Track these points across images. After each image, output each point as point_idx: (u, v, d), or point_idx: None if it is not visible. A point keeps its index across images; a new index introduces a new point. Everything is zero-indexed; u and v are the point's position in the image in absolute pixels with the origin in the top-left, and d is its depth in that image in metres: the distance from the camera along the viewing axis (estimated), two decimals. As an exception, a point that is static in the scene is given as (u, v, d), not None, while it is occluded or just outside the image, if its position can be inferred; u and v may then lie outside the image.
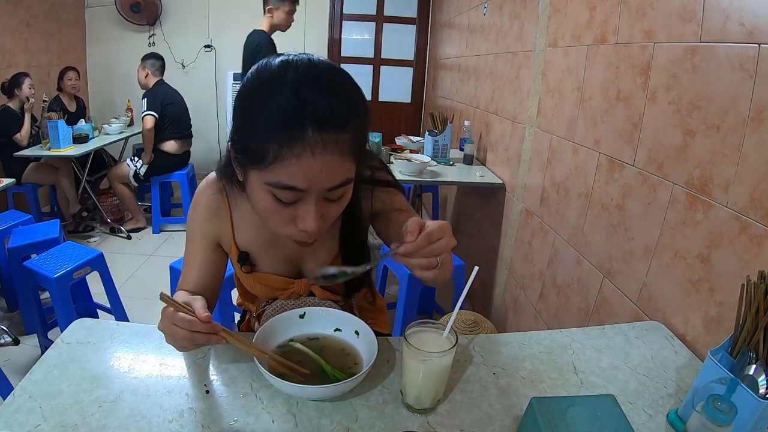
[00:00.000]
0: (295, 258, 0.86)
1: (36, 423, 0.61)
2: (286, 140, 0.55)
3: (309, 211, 0.60)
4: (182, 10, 4.30)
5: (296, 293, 0.86)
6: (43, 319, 1.98)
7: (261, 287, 0.86)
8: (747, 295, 0.64)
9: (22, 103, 3.03)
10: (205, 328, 0.61)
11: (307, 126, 0.55)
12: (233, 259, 0.84)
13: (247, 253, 0.82)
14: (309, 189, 0.59)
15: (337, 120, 0.56)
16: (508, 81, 2.16)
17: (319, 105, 0.55)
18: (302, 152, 0.55)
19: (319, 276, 0.63)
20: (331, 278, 0.63)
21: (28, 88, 3.00)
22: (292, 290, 0.86)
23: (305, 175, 0.57)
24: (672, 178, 1.03)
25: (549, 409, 0.56)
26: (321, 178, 0.58)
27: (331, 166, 0.58)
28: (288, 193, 0.59)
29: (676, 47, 1.03)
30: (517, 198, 1.97)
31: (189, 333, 0.61)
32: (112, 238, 3.34)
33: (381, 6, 4.42)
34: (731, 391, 0.56)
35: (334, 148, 0.57)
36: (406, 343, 0.65)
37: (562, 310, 1.53)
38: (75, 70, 3.47)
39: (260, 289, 0.87)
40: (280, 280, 0.85)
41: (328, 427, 0.63)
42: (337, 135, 0.57)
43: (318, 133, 0.55)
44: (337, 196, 0.63)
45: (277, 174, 0.57)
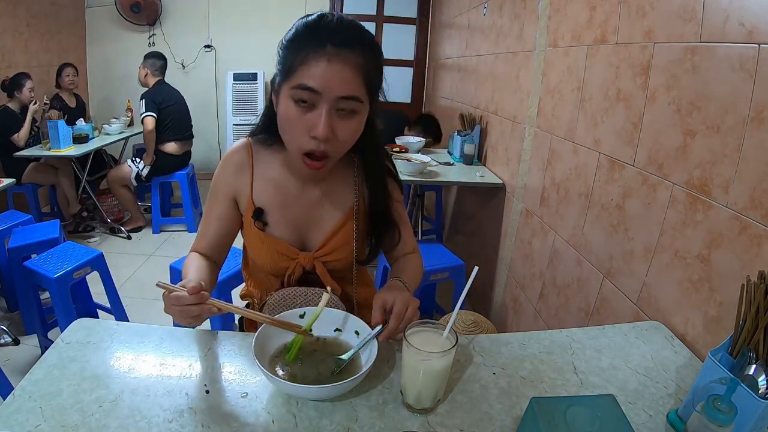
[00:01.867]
0: (302, 223, 0.90)
1: (36, 423, 0.61)
2: (310, 50, 0.70)
3: (320, 116, 0.71)
4: (182, 10, 4.30)
5: (301, 266, 0.89)
6: (43, 319, 1.98)
7: (268, 254, 0.88)
8: (747, 295, 0.64)
9: (22, 104, 3.03)
10: (193, 300, 0.67)
11: (326, 41, 0.69)
12: (248, 215, 0.88)
13: (262, 209, 0.87)
14: (323, 91, 0.70)
15: (351, 43, 0.71)
16: (508, 81, 2.16)
17: (338, 30, 0.71)
18: (320, 59, 0.69)
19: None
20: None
21: (29, 91, 3.00)
22: (297, 261, 0.89)
23: (321, 77, 0.69)
24: (672, 178, 1.03)
25: (549, 409, 0.56)
26: (333, 83, 0.70)
27: (342, 75, 0.70)
28: (306, 94, 0.70)
29: (676, 47, 1.03)
30: (517, 198, 1.97)
31: (182, 307, 0.67)
32: (112, 238, 3.34)
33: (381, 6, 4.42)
34: (731, 391, 0.56)
35: (347, 62, 0.70)
36: (406, 343, 0.65)
37: (562, 310, 1.53)
38: (73, 67, 3.46)
39: (267, 256, 0.89)
40: (287, 247, 0.88)
41: (328, 427, 0.63)
42: (349, 53, 0.70)
43: (334, 48, 0.69)
44: (348, 111, 0.73)
45: (299, 77, 0.70)
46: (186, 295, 0.66)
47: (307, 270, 0.90)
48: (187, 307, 0.67)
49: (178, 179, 3.42)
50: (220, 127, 4.61)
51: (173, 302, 0.67)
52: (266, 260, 0.89)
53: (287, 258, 0.89)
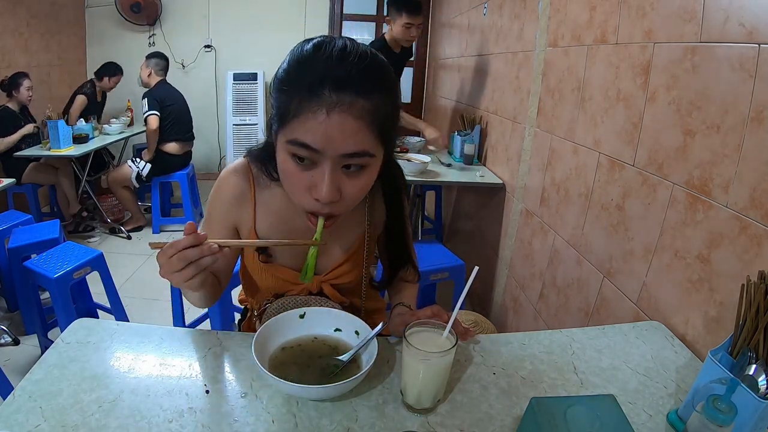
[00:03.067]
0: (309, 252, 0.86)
1: (36, 423, 0.61)
2: (306, 98, 0.58)
3: (323, 176, 0.61)
4: (182, 10, 4.30)
5: (307, 290, 0.86)
6: (43, 319, 1.98)
7: (273, 280, 0.85)
8: (747, 295, 0.64)
9: (21, 104, 3.02)
10: (190, 241, 0.58)
11: (326, 86, 0.58)
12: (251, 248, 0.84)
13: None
14: (323, 150, 0.60)
15: (354, 84, 0.58)
16: (508, 81, 2.16)
17: (339, 69, 0.59)
18: (318, 110, 0.58)
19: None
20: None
21: (26, 90, 2.98)
22: (303, 286, 0.86)
23: (320, 133, 0.59)
24: (672, 178, 1.03)
25: (549, 409, 0.56)
26: (335, 140, 0.59)
27: (345, 128, 0.59)
28: (304, 151, 0.60)
29: (676, 47, 1.03)
30: (517, 198, 1.97)
31: (179, 254, 0.58)
32: (112, 238, 3.34)
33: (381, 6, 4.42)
34: (731, 391, 0.56)
35: (350, 111, 0.58)
36: (406, 343, 0.65)
37: (562, 310, 1.53)
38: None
39: (272, 282, 0.86)
40: (293, 273, 0.84)
41: (328, 427, 0.63)
42: (353, 99, 0.58)
43: (335, 94, 0.58)
44: (355, 166, 0.63)
45: (295, 130, 0.60)
46: (181, 239, 0.58)
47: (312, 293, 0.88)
48: (185, 251, 0.58)
49: (178, 179, 3.42)
50: (220, 127, 4.62)
51: (169, 250, 0.58)
52: (269, 286, 0.87)
53: (292, 284, 0.86)
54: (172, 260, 0.59)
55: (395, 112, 0.66)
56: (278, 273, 0.85)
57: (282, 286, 0.87)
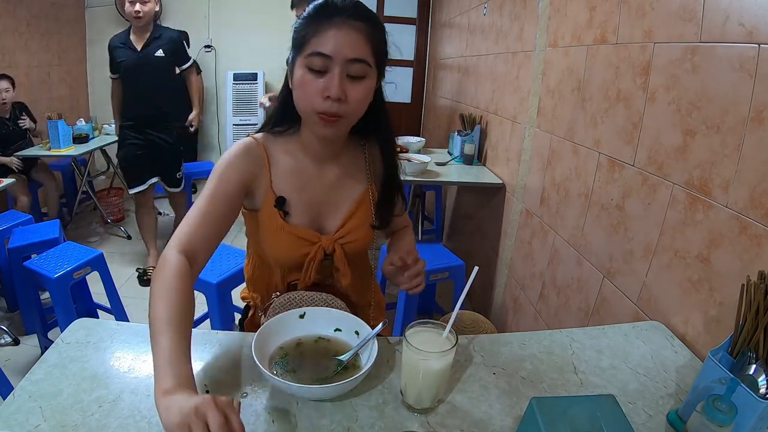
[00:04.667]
0: (318, 204, 0.91)
1: (36, 423, 0.61)
2: (321, 22, 0.76)
3: (333, 77, 0.76)
4: (182, 10, 4.30)
5: (322, 248, 0.90)
6: (43, 319, 1.98)
7: (290, 239, 0.88)
8: (747, 296, 0.64)
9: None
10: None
11: (334, 12, 0.76)
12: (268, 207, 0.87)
13: (284, 198, 0.88)
14: (334, 55, 0.75)
15: (356, 13, 0.76)
16: (508, 81, 2.16)
17: (346, 5, 0.77)
18: (329, 28, 0.75)
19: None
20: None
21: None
22: (319, 245, 0.89)
23: (331, 43, 0.75)
24: (672, 178, 1.03)
25: (549, 409, 0.56)
26: (343, 47, 0.75)
27: (350, 39, 0.75)
28: (318, 59, 0.75)
29: (676, 47, 1.03)
30: (517, 198, 1.97)
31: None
32: (112, 238, 3.34)
33: (381, 6, 4.42)
34: (731, 391, 0.56)
35: (354, 27, 0.76)
36: (406, 343, 0.65)
37: (562, 310, 1.53)
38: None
39: (288, 243, 0.88)
40: (308, 232, 0.89)
41: (328, 427, 0.63)
42: (356, 22, 0.76)
43: (342, 18, 0.76)
44: (358, 74, 0.77)
45: (312, 46, 0.76)
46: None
47: (327, 253, 0.90)
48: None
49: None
50: (220, 127, 4.62)
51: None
52: (286, 250, 0.88)
53: (309, 243, 0.89)
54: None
55: (385, 43, 0.82)
56: (295, 231, 0.88)
57: (298, 247, 0.89)
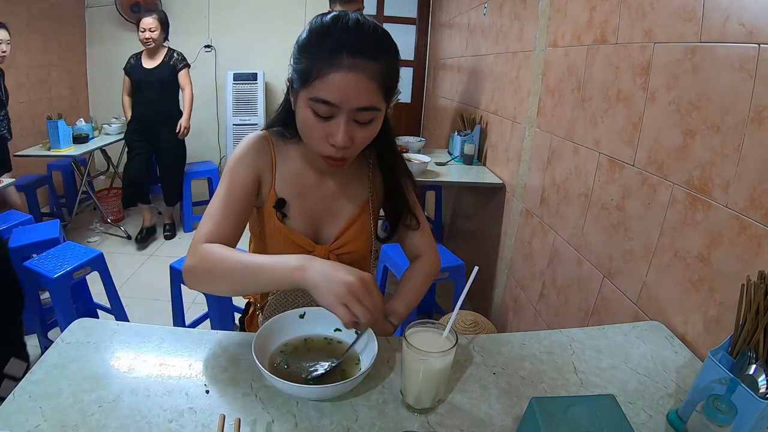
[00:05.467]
0: (317, 214, 0.91)
1: (36, 423, 0.61)
2: (327, 62, 0.69)
3: (339, 126, 0.72)
4: (182, 10, 4.30)
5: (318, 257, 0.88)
6: (43, 319, 1.98)
7: (286, 244, 0.88)
8: (747, 296, 0.64)
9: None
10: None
11: (343, 52, 0.68)
12: (269, 206, 0.87)
13: (284, 200, 0.88)
14: (341, 105, 0.70)
15: (368, 52, 0.69)
16: (508, 81, 2.16)
17: (355, 40, 0.69)
18: (338, 71, 0.69)
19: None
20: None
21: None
22: (314, 254, 0.88)
23: (338, 90, 0.69)
24: (672, 178, 1.03)
25: (549, 409, 0.56)
26: (351, 96, 0.70)
27: (359, 86, 0.69)
28: (324, 107, 0.71)
29: (676, 47, 1.03)
30: (517, 198, 1.97)
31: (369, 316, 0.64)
32: (112, 238, 3.34)
33: (381, 6, 4.42)
34: (731, 391, 0.56)
35: (363, 72, 0.69)
36: (406, 343, 0.65)
37: (562, 310, 1.53)
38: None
39: (285, 247, 0.88)
40: (304, 239, 0.89)
41: (328, 427, 0.63)
42: (366, 62, 0.69)
43: (351, 58, 0.68)
44: (366, 119, 0.73)
45: (317, 90, 0.70)
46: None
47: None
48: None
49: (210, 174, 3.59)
50: (220, 127, 4.61)
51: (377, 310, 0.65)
52: (282, 250, 0.89)
53: (303, 251, 0.88)
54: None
55: (397, 72, 0.77)
56: (291, 236, 0.88)
57: (292, 251, 0.87)
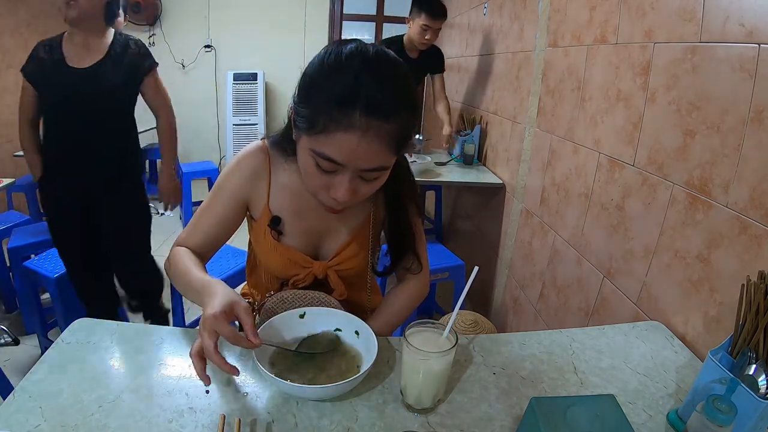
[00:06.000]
0: (316, 232, 0.88)
1: (36, 423, 0.61)
2: (337, 117, 0.60)
3: (343, 183, 0.66)
4: (182, 10, 4.30)
5: (313, 275, 0.88)
6: (43, 319, 1.98)
7: (282, 261, 0.87)
8: (747, 296, 0.64)
9: None
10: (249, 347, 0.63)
11: (357, 109, 0.60)
12: (263, 224, 0.85)
13: (279, 218, 0.85)
14: (347, 165, 0.64)
15: (384, 110, 0.61)
16: (508, 81, 2.16)
17: (372, 93, 0.60)
18: (348, 131, 0.61)
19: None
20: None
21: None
22: (310, 270, 0.88)
23: (346, 152, 0.62)
24: (672, 178, 1.03)
25: (549, 409, 0.56)
26: (359, 159, 0.63)
27: (370, 151, 0.62)
28: (327, 164, 0.65)
29: (676, 47, 1.03)
30: (517, 198, 1.97)
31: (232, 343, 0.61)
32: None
33: (381, 6, 4.42)
34: (731, 391, 0.56)
35: (377, 135, 0.61)
36: (406, 343, 0.65)
37: (562, 310, 1.53)
38: None
39: (280, 263, 0.87)
40: (301, 256, 0.87)
41: (328, 427, 0.63)
42: (382, 123, 0.61)
43: (366, 118, 0.60)
44: (372, 177, 0.68)
45: (322, 144, 0.63)
46: (244, 340, 0.61)
47: (318, 279, 0.89)
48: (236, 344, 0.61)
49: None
50: (220, 127, 4.61)
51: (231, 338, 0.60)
52: (277, 267, 0.88)
53: (299, 266, 0.88)
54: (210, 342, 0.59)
55: (414, 125, 0.69)
56: (288, 253, 0.86)
57: (290, 268, 0.88)
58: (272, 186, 0.85)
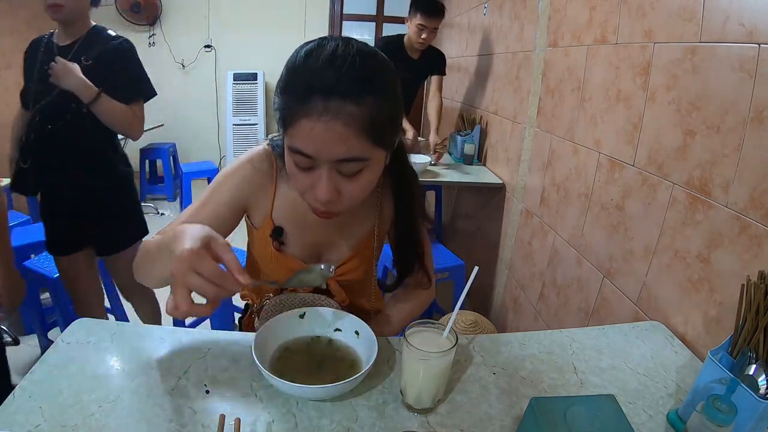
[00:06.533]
0: (318, 245, 0.87)
1: (36, 423, 0.61)
2: (297, 106, 0.59)
3: (320, 179, 0.63)
4: (182, 10, 4.30)
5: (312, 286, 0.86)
6: (43, 319, 1.98)
7: (283, 271, 0.85)
8: (747, 295, 0.64)
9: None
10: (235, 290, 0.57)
11: (314, 94, 0.58)
12: (265, 233, 0.83)
13: (282, 228, 0.83)
14: (316, 156, 0.61)
15: (342, 91, 0.58)
16: (508, 81, 2.16)
17: (326, 75, 0.58)
18: (308, 117, 0.58)
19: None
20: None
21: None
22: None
23: (310, 140, 0.60)
24: (672, 178, 1.03)
25: (549, 409, 0.56)
26: (326, 146, 0.60)
27: (332, 135, 0.59)
28: (300, 158, 0.63)
29: (676, 47, 1.03)
30: (517, 198, 1.97)
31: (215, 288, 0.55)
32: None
33: (381, 6, 4.42)
34: (731, 391, 0.56)
35: (338, 118, 0.58)
36: (406, 343, 0.65)
37: (562, 310, 1.53)
38: None
39: (281, 273, 0.86)
40: (302, 266, 0.85)
41: (328, 427, 0.63)
42: (341, 106, 0.58)
43: (323, 101, 0.57)
44: (351, 171, 0.64)
45: (292, 138, 0.62)
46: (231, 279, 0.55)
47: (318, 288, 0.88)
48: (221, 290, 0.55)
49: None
50: (220, 127, 4.62)
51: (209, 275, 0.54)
52: (277, 275, 0.87)
53: None
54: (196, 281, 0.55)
55: (393, 113, 0.64)
56: (288, 264, 0.85)
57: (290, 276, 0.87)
58: (276, 196, 0.83)
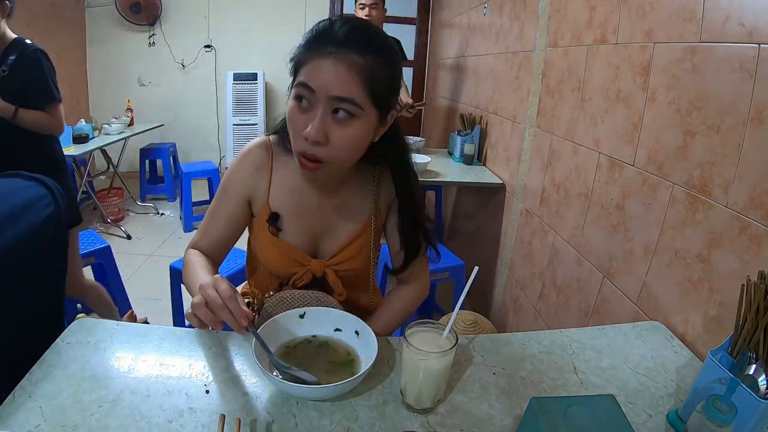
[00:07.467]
0: (316, 232, 0.89)
1: (36, 423, 0.61)
2: (311, 52, 0.70)
3: (315, 116, 0.70)
4: (182, 10, 4.30)
5: (311, 273, 0.88)
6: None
7: (280, 257, 0.87)
8: (747, 295, 0.64)
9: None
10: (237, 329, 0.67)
11: (328, 42, 0.69)
12: (262, 219, 0.86)
13: (278, 214, 0.86)
14: (318, 91, 0.69)
15: (353, 43, 0.69)
16: (508, 81, 2.16)
17: (339, 33, 0.69)
18: (319, 59, 0.69)
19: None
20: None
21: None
22: (308, 268, 0.88)
23: (316, 73, 0.69)
24: (672, 178, 1.03)
25: (549, 409, 0.56)
26: (328, 81, 0.68)
27: (337, 74, 0.68)
28: (303, 90, 0.70)
29: (676, 47, 1.03)
30: (517, 198, 1.97)
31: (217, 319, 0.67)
32: (113, 238, 3.33)
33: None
34: (731, 391, 0.56)
35: (345, 63, 0.68)
36: (406, 343, 0.65)
37: (562, 310, 1.53)
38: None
39: (278, 260, 0.88)
40: (300, 253, 0.88)
41: (328, 427, 0.63)
42: (350, 53, 0.68)
43: (335, 48, 0.68)
44: (343, 114, 0.70)
45: (301, 74, 0.71)
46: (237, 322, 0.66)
47: (316, 277, 0.89)
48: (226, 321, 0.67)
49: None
50: (220, 127, 4.62)
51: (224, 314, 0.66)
52: (275, 264, 0.89)
53: (298, 264, 0.88)
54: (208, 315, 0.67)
55: (391, 77, 0.73)
56: (285, 249, 0.87)
57: (287, 265, 0.88)
58: (273, 182, 0.86)
